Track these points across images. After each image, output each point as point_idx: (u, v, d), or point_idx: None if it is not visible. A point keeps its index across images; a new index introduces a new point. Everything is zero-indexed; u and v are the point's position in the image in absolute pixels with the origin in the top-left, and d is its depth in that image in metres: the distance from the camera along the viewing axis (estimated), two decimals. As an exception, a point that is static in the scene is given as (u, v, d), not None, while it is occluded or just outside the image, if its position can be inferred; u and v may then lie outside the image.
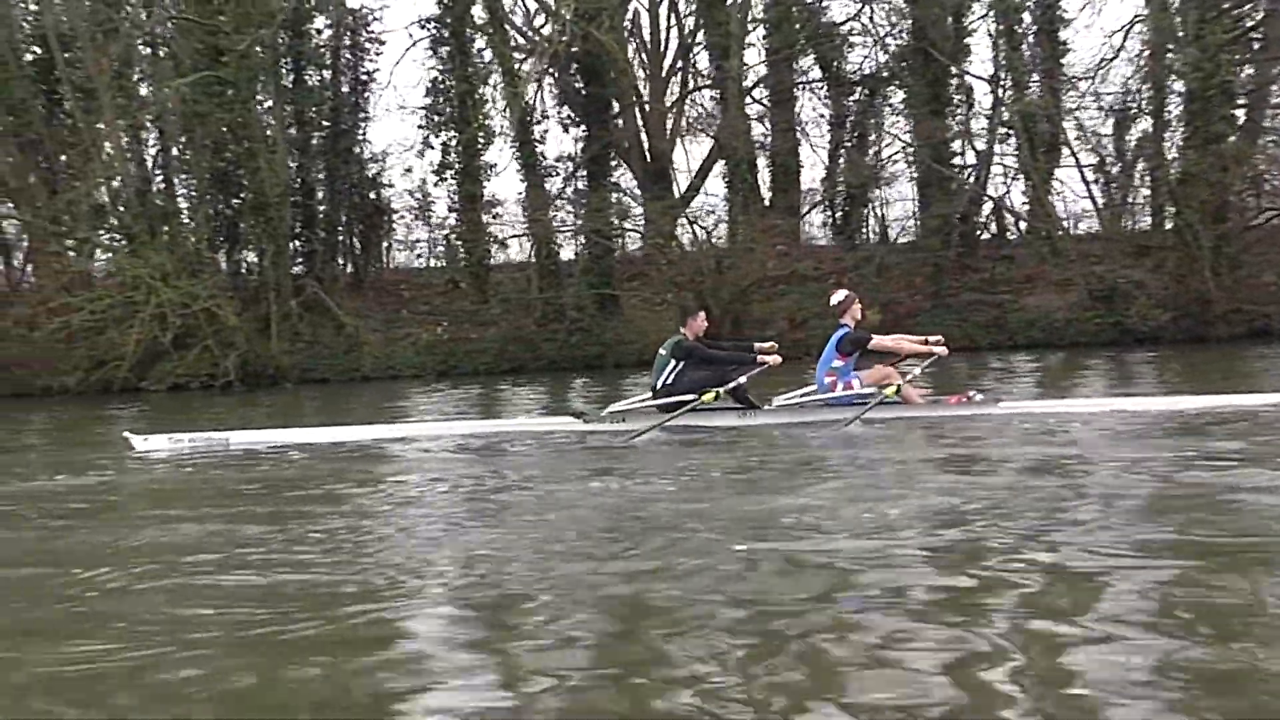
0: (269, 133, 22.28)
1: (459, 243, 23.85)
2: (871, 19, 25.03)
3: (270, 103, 22.76)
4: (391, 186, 26.22)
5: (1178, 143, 21.43)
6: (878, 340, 8.57)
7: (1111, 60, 23.08)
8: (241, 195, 22.58)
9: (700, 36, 25.29)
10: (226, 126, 21.54)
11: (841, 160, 25.89)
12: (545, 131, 23.89)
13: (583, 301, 22.58)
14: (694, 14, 25.49)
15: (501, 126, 23.36)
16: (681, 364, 8.56)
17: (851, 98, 26.04)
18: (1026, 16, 22.49)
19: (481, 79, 23.16)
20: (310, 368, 21.98)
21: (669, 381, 8.58)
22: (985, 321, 22.70)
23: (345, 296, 24.16)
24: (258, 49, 21.43)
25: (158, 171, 23.25)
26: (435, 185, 23.89)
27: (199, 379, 20.48)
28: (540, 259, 22.81)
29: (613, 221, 22.33)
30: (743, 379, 8.48)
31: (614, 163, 23.17)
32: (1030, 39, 22.60)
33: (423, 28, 23.18)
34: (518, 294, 23.74)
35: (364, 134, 25.22)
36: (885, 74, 25.26)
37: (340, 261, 25.72)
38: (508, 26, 23.48)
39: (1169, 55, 20.81)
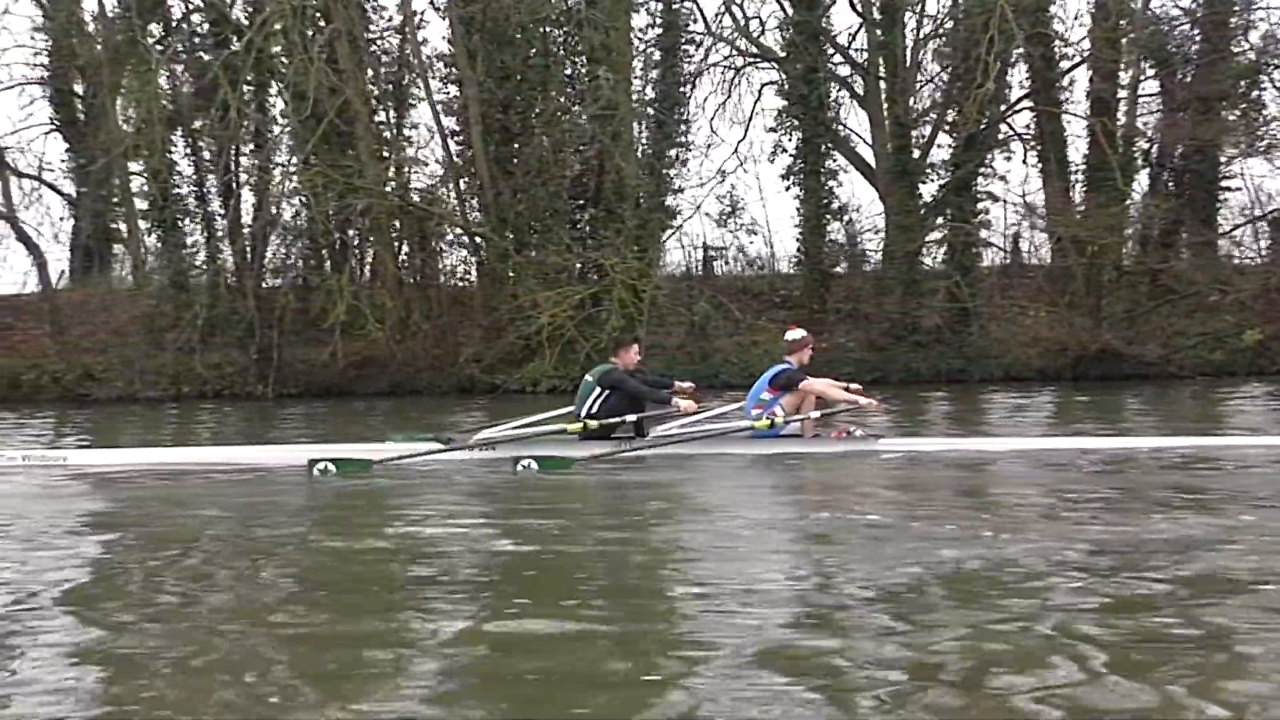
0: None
1: (801, 250, 23.38)
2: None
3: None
4: (681, 191, 25.87)
5: None
6: (808, 382, 8.61)
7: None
8: (589, 197, 22.38)
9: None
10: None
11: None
12: (922, 137, 23.26)
13: (942, 312, 21.98)
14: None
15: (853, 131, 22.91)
16: (607, 392, 8.51)
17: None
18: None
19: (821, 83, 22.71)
20: (663, 374, 21.65)
21: (593, 410, 8.50)
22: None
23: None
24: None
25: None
26: (786, 190, 23.40)
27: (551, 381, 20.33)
28: (903, 268, 22.23)
29: (976, 231, 21.70)
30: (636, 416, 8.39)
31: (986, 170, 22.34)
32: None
33: (778, 30, 22.75)
34: (850, 305, 23.31)
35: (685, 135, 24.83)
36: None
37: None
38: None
39: None
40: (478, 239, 21.97)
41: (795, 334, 9.10)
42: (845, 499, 6.46)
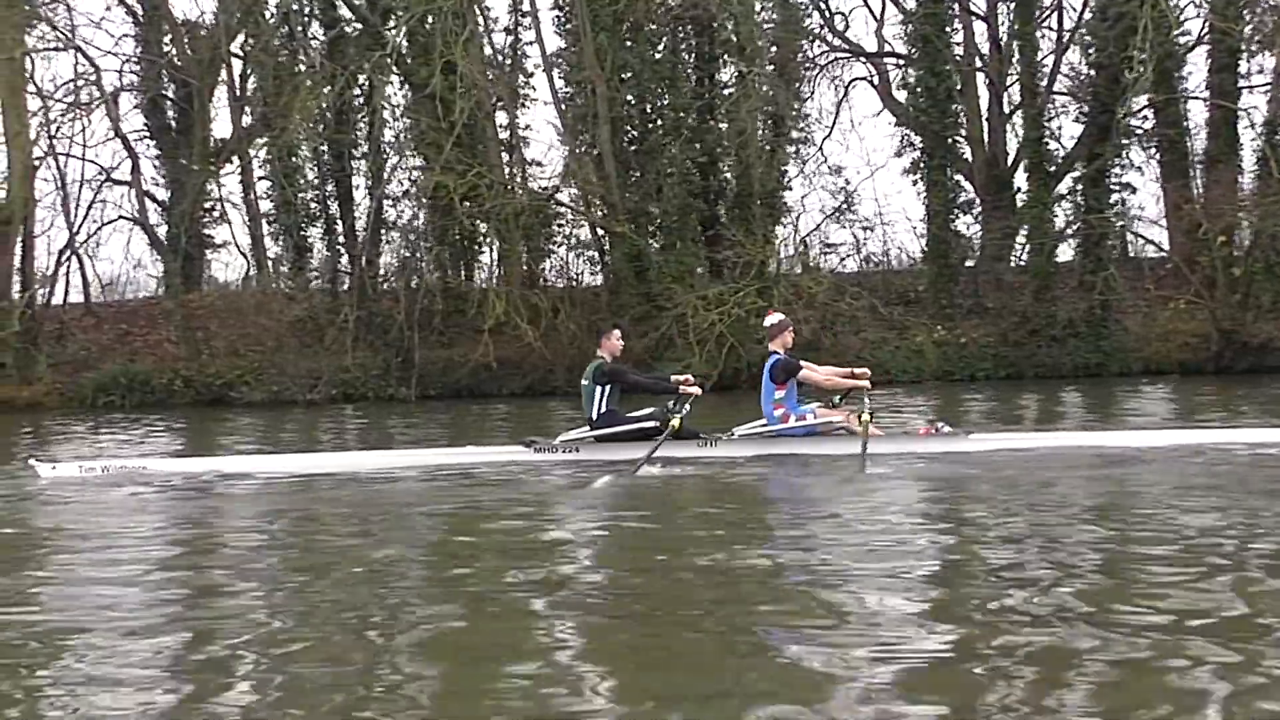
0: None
1: (924, 249, 23.15)
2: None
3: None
4: (789, 189, 25.65)
5: None
6: (806, 371, 8.29)
7: None
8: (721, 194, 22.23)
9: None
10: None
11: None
12: (1060, 128, 22.99)
13: (1078, 307, 21.67)
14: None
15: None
16: (607, 389, 8.23)
17: None
18: None
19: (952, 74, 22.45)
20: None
21: (603, 410, 8.25)
22: None
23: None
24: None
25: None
26: (913, 185, 23.23)
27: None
28: (1039, 261, 21.91)
29: (1118, 221, 21.44)
30: (684, 411, 8.09)
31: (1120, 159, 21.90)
32: None
33: (904, 24, 22.52)
34: (971, 299, 23.02)
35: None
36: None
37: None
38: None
39: None
40: (602, 236, 21.84)
41: (773, 319, 8.68)
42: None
